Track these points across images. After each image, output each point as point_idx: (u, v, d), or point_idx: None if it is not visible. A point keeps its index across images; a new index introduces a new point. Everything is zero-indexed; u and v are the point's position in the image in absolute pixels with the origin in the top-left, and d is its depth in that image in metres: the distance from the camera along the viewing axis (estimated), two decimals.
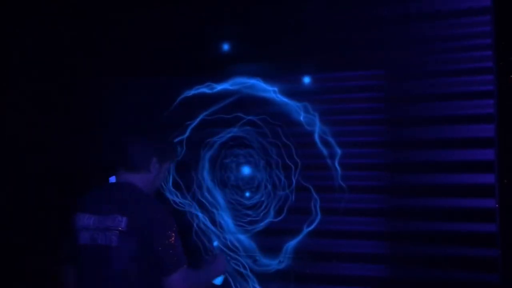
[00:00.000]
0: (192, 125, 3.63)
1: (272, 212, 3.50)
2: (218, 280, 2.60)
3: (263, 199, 3.55)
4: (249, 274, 3.49)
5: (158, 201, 2.38)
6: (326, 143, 3.40)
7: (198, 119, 3.62)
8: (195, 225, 3.58)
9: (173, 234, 2.22)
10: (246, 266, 3.49)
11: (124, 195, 2.29)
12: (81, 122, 3.96)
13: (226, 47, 3.68)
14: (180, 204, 3.63)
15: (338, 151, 3.37)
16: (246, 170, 3.60)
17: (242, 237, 3.54)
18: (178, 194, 3.65)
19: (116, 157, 2.37)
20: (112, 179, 2.39)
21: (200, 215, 3.61)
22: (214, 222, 3.60)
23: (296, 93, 3.48)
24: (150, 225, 2.20)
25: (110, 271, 2.21)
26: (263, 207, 3.54)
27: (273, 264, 3.47)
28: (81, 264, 2.30)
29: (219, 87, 3.59)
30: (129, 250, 2.19)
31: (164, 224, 2.22)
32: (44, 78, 4.02)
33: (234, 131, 3.57)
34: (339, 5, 3.43)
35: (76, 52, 3.94)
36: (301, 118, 3.45)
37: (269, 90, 3.51)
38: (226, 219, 3.59)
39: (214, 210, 3.59)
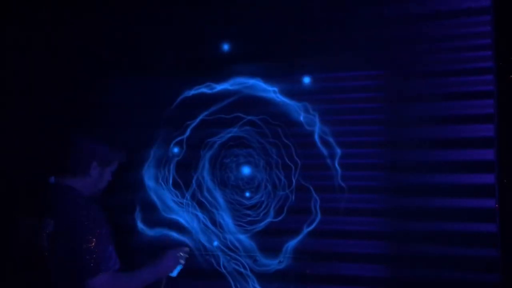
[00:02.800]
0: (192, 125, 3.63)
1: (272, 212, 3.50)
2: (174, 273, 2.58)
3: (263, 199, 3.54)
4: (249, 274, 3.49)
5: (89, 204, 2.35)
6: (326, 143, 3.40)
7: (198, 119, 3.62)
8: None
9: (93, 239, 2.20)
10: (246, 266, 3.49)
11: (56, 198, 2.30)
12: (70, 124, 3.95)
13: (226, 47, 3.67)
14: (180, 204, 3.64)
15: (338, 151, 3.37)
16: (246, 170, 3.60)
17: (242, 237, 3.54)
18: (178, 194, 3.65)
19: (56, 159, 2.38)
20: (52, 180, 2.39)
21: (200, 215, 3.61)
22: (214, 222, 3.60)
23: (296, 93, 3.48)
24: (72, 228, 2.20)
25: (40, 273, 2.24)
26: (263, 207, 3.54)
27: (273, 264, 3.47)
28: (22, 266, 2.33)
29: (219, 87, 3.59)
30: (55, 252, 2.21)
31: (83, 228, 2.21)
32: (48, 77, 4.00)
33: (234, 131, 3.57)
34: (339, 5, 3.43)
35: (75, 52, 3.93)
36: (301, 118, 3.45)
37: (269, 90, 3.51)
38: (226, 219, 3.59)
39: (214, 210, 3.59)
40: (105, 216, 2.36)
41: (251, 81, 3.53)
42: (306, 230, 3.41)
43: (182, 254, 2.61)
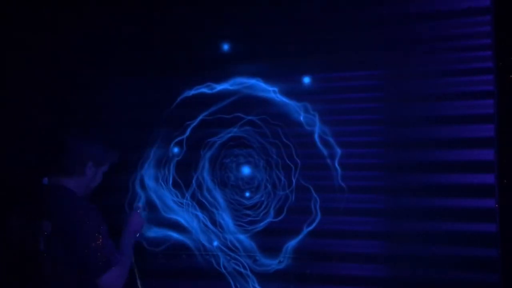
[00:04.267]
0: (192, 125, 3.63)
1: (272, 212, 3.50)
2: (146, 232, 2.65)
3: (263, 199, 3.55)
4: (249, 274, 3.49)
5: (86, 203, 2.36)
6: (326, 143, 3.40)
7: (198, 119, 3.62)
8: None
9: (100, 236, 2.21)
10: (246, 266, 3.50)
11: (52, 199, 2.29)
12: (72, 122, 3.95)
13: (226, 47, 3.67)
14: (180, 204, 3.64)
15: (338, 151, 3.37)
16: (246, 170, 3.60)
17: (242, 237, 3.54)
18: (178, 194, 3.65)
19: (50, 160, 2.37)
20: (45, 181, 2.38)
21: (200, 215, 3.62)
22: (214, 222, 3.60)
23: (296, 93, 3.48)
24: (74, 229, 2.20)
25: (38, 276, 2.22)
26: (263, 207, 3.54)
27: (273, 264, 3.47)
28: (14, 269, 2.31)
29: (219, 87, 3.59)
30: (53, 255, 2.20)
31: (89, 227, 2.21)
32: (48, 77, 4.00)
33: (234, 131, 3.57)
34: (339, 5, 3.43)
35: (74, 52, 3.93)
36: (301, 118, 3.45)
37: (269, 90, 3.51)
38: (226, 219, 3.59)
39: (214, 210, 3.59)
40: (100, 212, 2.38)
41: (251, 81, 3.54)
42: (306, 230, 3.41)
43: (138, 210, 2.69)
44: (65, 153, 2.34)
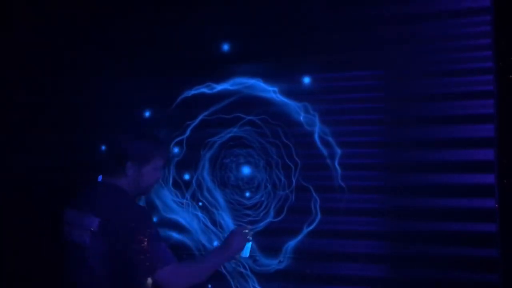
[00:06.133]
0: (192, 125, 3.63)
1: (272, 212, 3.50)
2: (244, 253, 2.48)
3: (263, 199, 3.55)
4: (249, 274, 3.49)
5: (135, 204, 2.32)
6: (326, 143, 3.40)
7: (198, 119, 3.62)
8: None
9: (145, 239, 2.15)
10: (246, 266, 3.50)
11: (102, 195, 2.26)
12: (76, 122, 3.96)
13: (226, 47, 3.68)
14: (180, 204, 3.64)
15: (338, 151, 3.37)
16: (246, 170, 3.60)
17: None
18: (178, 194, 3.65)
19: (98, 161, 2.37)
20: (99, 178, 2.36)
21: (200, 215, 3.62)
22: (214, 222, 3.60)
23: (296, 93, 3.48)
24: (121, 229, 2.16)
25: (82, 270, 2.20)
26: (263, 207, 3.54)
27: (273, 264, 3.47)
28: (62, 259, 2.30)
29: (219, 87, 3.59)
30: (99, 251, 2.16)
31: (134, 229, 2.16)
32: (38, 76, 4.02)
33: (234, 131, 3.57)
34: (339, 5, 3.43)
35: (75, 52, 3.94)
36: (301, 118, 3.45)
37: (269, 90, 3.51)
38: (226, 219, 3.59)
39: (214, 210, 3.59)
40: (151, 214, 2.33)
41: (251, 81, 3.54)
42: (306, 230, 3.41)
43: (247, 231, 2.51)
44: (106, 154, 2.33)
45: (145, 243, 2.15)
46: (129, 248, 2.14)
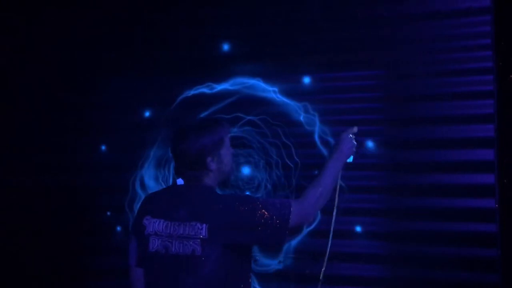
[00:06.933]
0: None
1: None
2: (351, 158, 2.45)
3: None
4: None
5: (232, 193, 2.26)
6: (326, 143, 3.40)
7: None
8: None
9: (262, 210, 2.09)
10: None
11: (198, 199, 2.16)
12: (76, 122, 3.96)
13: (226, 47, 3.68)
14: None
15: None
16: (246, 170, 3.60)
17: None
18: None
19: (176, 161, 2.27)
20: (180, 181, 2.28)
21: None
22: None
23: (296, 93, 3.48)
24: (234, 227, 2.08)
25: (197, 279, 2.08)
26: None
27: (273, 264, 3.47)
28: (152, 272, 2.16)
29: (219, 87, 3.59)
30: (215, 257, 2.07)
31: (249, 216, 2.08)
32: (48, 77, 4.01)
33: (234, 131, 3.56)
34: (339, 4, 3.43)
35: (76, 52, 3.93)
36: (301, 118, 3.45)
37: (269, 90, 3.51)
38: None
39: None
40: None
41: (251, 81, 3.54)
42: (306, 230, 3.40)
43: (352, 134, 2.44)
44: (183, 157, 2.24)
45: (265, 212, 2.09)
46: (255, 231, 2.08)
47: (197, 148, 2.19)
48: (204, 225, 2.08)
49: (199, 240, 2.07)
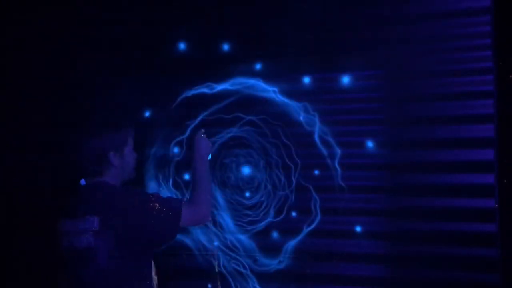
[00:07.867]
0: (192, 125, 3.63)
1: (272, 212, 3.50)
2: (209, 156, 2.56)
3: (263, 199, 3.55)
4: (249, 274, 3.49)
5: (130, 188, 2.34)
6: (326, 143, 3.40)
7: (198, 119, 3.62)
8: None
9: (154, 203, 2.20)
10: (246, 266, 3.50)
11: (95, 195, 2.26)
12: (75, 122, 3.95)
13: (226, 47, 3.68)
14: None
15: (338, 151, 3.37)
16: (246, 170, 3.60)
17: (242, 237, 3.54)
18: (178, 194, 3.65)
19: (77, 163, 2.34)
20: (82, 181, 2.36)
21: None
22: (214, 222, 3.60)
23: (296, 93, 3.48)
24: (126, 217, 2.17)
25: (90, 272, 2.19)
26: (263, 207, 3.54)
27: (273, 264, 3.47)
28: (63, 269, 2.29)
29: (219, 87, 3.59)
30: (107, 248, 2.17)
31: (140, 206, 2.18)
32: (36, 76, 4.01)
33: (234, 131, 3.57)
34: (339, 5, 3.43)
35: (75, 52, 3.93)
36: (301, 118, 3.45)
37: (269, 90, 3.51)
38: (226, 219, 3.59)
39: (214, 210, 3.59)
40: None
41: (251, 81, 3.54)
42: (306, 230, 3.41)
43: (202, 134, 2.56)
44: (85, 157, 2.30)
45: (156, 204, 2.19)
46: (148, 224, 2.16)
47: (102, 141, 2.29)
48: (96, 218, 2.17)
49: (91, 232, 2.17)
